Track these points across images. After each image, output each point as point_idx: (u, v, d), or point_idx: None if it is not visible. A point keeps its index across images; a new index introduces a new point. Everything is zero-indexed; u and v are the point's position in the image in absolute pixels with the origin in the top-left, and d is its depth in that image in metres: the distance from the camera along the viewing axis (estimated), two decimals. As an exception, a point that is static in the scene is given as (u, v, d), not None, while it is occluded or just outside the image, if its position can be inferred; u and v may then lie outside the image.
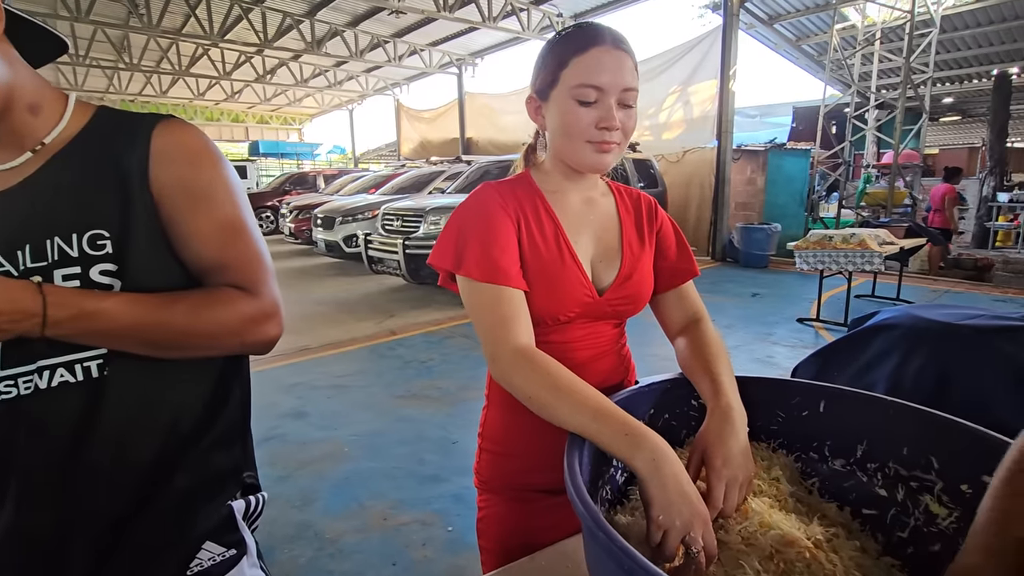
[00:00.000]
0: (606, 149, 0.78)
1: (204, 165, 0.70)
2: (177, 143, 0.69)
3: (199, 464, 0.74)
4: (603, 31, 0.78)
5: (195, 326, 0.65)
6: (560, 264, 0.82)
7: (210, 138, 0.73)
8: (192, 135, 0.70)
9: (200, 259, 0.69)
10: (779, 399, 0.84)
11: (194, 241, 0.69)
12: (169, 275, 0.69)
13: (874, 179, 9.04)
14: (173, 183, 0.67)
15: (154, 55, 13.32)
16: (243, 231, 0.72)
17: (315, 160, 23.88)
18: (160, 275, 0.68)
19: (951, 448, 0.70)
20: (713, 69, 8.39)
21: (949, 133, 17.36)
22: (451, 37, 12.09)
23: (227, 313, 0.67)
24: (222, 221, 0.70)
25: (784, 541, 0.63)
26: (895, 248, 4.73)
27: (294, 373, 3.75)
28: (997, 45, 10.59)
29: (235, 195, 0.72)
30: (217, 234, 0.69)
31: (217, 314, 0.66)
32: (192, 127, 0.71)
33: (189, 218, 0.68)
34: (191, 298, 0.66)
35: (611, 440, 0.66)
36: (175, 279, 0.69)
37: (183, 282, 0.69)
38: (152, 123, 0.69)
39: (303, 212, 9.51)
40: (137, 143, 0.67)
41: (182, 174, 0.68)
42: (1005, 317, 0.97)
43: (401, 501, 2.22)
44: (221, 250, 0.70)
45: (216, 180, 0.71)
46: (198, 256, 0.69)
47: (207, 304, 0.66)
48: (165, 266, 0.68)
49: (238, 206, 0.72)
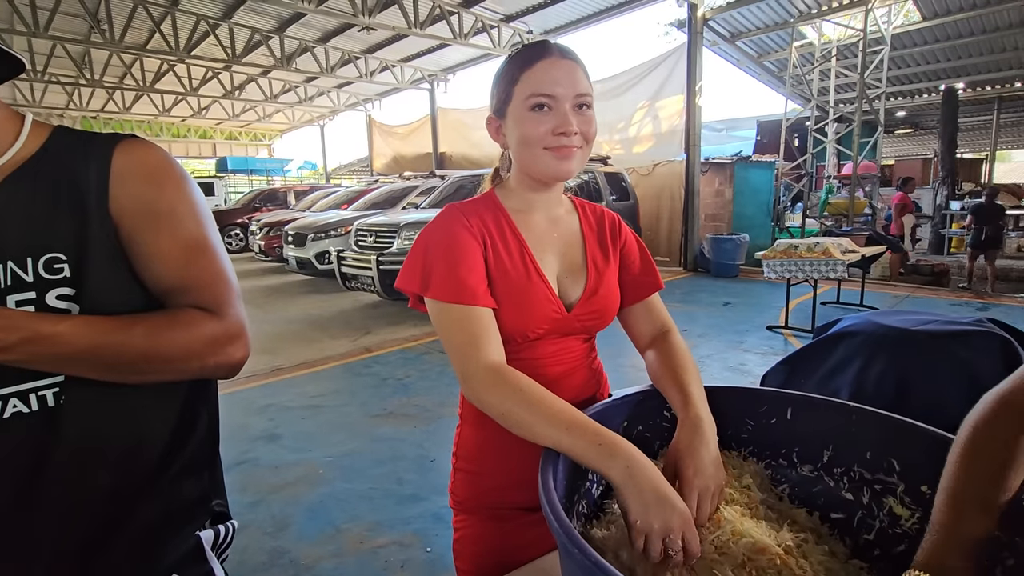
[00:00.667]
0: (566, 155, 0.79)
1: (166, 184, 0.69)
2: (138, 162, 0.67)
3: (164, 493, 0.71)
4: (549, 44, 0.81)
5: (156, 349, 0.63)
6: (527, 282, 0.83)
7: (173, 157, 0.72)
8: (153, 154, 0.69)
9: (162, 280, 0.68)
10: (748, 408, 0.86)
11: (156, 262, 0.67)
12: (129, 298, 0.67)
13: (835, 189, 9.38)
14: (134, 203, 0.66)
15: (117, 71, 13.02)
16: (207, 250, 0.70)
17: (286, 176, 23.57)
18: (120, 298, 0.66)
19: (910, 451, 0.72)
20: (680, 84, 8.63)
21: (903, 145, 18.15)
22: (423, 53, 12.15)
23: (190, 335, 0.65)
24: (185, 241, 0.68)
25: (755, 549, 0.64)
26: (857, 256, 4.91)
27: (266, 394, 3.66)
28: (944, 62, 11.18)
29: (199, 214, 0.71)
30: (180, 254, 0.68)
31: (179, 336, 0.64)
32: (154, 146, 0.70)
33: (151, 239, 0.67)
34: (151, 320, 0.65)
35: (585, 452, 0.66)
36: (136, 302, 0.67)
37: (144, 304, 0.67)
38: (112, 143, 0.68)
39: (273, 229, 9.35)
40: (96, 163, 0.66)
41: (143, 194, 0.67)
42: (957, 322, 1.01)
43: (378, 523, 2.18)
44: (184, 270, 0.68)
45: (179, 199, 0.69)
46: (160, 277, 0.68)
47: (168, 326, 0.65)
48: (125, 288, 0.67)
49: (202, 225, 0.71)
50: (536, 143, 0.79)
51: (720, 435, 0.77)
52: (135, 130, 20.04)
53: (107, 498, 0.67)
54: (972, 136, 16.32)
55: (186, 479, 0.74)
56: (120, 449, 0.68)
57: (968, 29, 9.68)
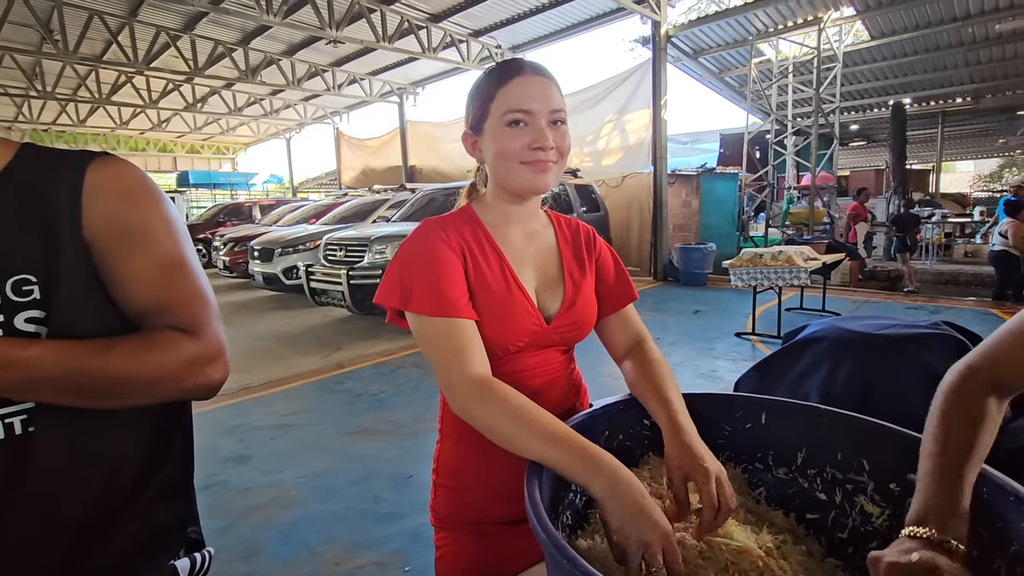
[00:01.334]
0: (543, 168, 0.81)
1: (141, 203, 0.67)
2: (112, 181, 0.66)
3: (138, 521, 0.69)
4: (523, 63, 0.83)
5: (132, 372, 0.61)
6: (508, 295, 0.84)
7: (147, 175, 0.70)
8: (128, 172, 0.68)
9: (138, 301, 0.66)
10: (724, 413, 0.88)
11: (131, 283, 0.65)
12: (102, 320, 0.65)
13: (796, 199, 9.74)
14: (108, 223, 0.64)
15: (71, 82, 12.55)
16: (184, 270, 0.68)
17: (250, 190, 23.06)
18: (92, 320, 0.64)
19: (878, 450, 0.75)
20: (646, 99, 8.85)
21: (857, 157, 19.02)
22: (392, 66, 12.14)
23: (167, 357, 0.63)
24: (162, 260, 0.67)
25: (738, 552, 0.66)
26: (818, 263, 5.09)
27: (235, 414, 3.55)
28: (892, 79, 11.80)
29: (175, 232, 0.69)
30: (156, 274, 0.66)
31: (156, 358, 0.62)
32: (128, 164, 0.69)
33: (126, 259, 0.65)
34: (127, 343, 0.63)
35: (569, 466, 0.67)
36: (109, 324, 0.65)
37: (118, 326, 0.65)
38: (84, 161, 0.66)
39: (239, 244, 9.11)
40: (67, 182, 0.64)
41: (118, 213, 0.65)
42: (916, 325, 1.06)
43: (355, 544, 2.12)
44: (161, 291, 0.66)
45: (154, 218, 0.68)
46: (136, 298, 0.66)
47: (145, 348, 0.63)
48: (98, 310, 0.64)
49: (179, 244, 0.69)
50: (513, 157, 0.81)
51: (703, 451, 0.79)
52: (90, 144, 19.35)
53: (78, 528, 0.65)
54: (919, 148, 17.21)
55: (160, 506, 0.72)
56: (92, 477, 0.66)
57: (913, 48, 10.26)
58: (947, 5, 8.60)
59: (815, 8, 8.79)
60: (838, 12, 8.83)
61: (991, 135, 17.03)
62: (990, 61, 10.53)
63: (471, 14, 9.29)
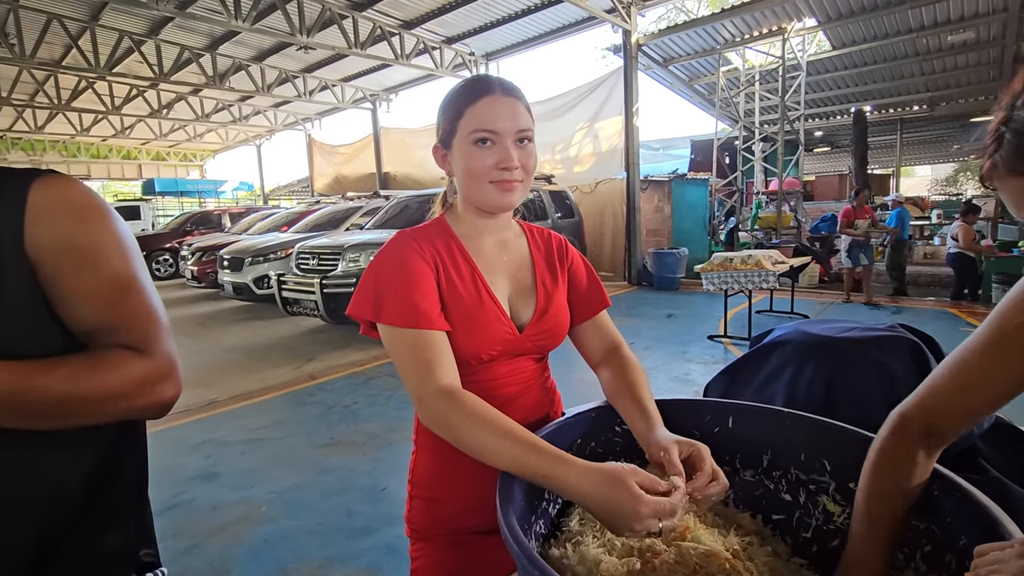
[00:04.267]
0: (509, 188, 0.82)
1: (88, 221, 0.65)
2: (57, 199, 0.64)
3: (84, 546, 0.67)
4: (492, 81, 0.83)
5: (78, 392, 0.59)
6: (479, 305, 0.84)
7: (95, 192, 0.69)
8: (74, 190, 0.66)
9: (86, 320, 0.64)
10: (693, 418, 0.90)
11: (80, 302, 0.63)
12: (47, 340, 0.62)
13: (764, 204, 10.00)
14: (54, 242, 0.62)
15: (28, 87, 12.14)
16: (133, 287, 0.67)
17: (219, 198, 22.56)
18: (37, 340, 0.62)
19: (838, 450, 0.78)
20: (618, 106, 8.99)
21: (822, 162, 19.64)
22: (364, 73, 12.07)
23: (116, 376, 0.62)
24: (111, 279, 0.65)
25: (706, 555, 0.67)
26: (786, 267, 5.23)
27: (201, 430, 3.45)
28: (853, 87, 12.24)
29: (125, 249, 0.68)
30: (105, 293, 0.64)
31: (104, 378, 0.61)
32: (74, 181, 0.67)
33: (74, 278, 0.63)
34: (73, 362, 0.61)
35: (539, 474, 0.67)
36: (54, 344, 0.63)
37: (64, 346, 0.63)
38: (28, 179, 0.63)
39: (207, 254, 8.89)
40: (10, 201, 0.61)
41: (64, 232, 0.63)
42: (874, 328, 1.10)
43: (328, 559, 2.08)
44: (110, 309, 0.65)
45: (103, 236, 0.66)
46: (84, 317, 0.64)
47: (92, 368, 0.61)
48: (42, 331, 0.62)
49: (128, 262, 0.67)
50: (480, 176, 0.82)
51: None
52: (48, 151, 18.70)
53: (20, 553, 0.62)
54: (880, 154, 17.87)
55: (109, 530, 0.69)
56: (32, 500, 0.63)
57: (872, 58, 10.67)
58: (903, 17, 8.98)
59: (779, 19, 9.08)
60: (801, 23, 9.13)
61: (946, 141, 17.80)
62: (943, 71, 11.02)
63: (444, 21, 9.31)
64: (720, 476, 0.71)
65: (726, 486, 0.71)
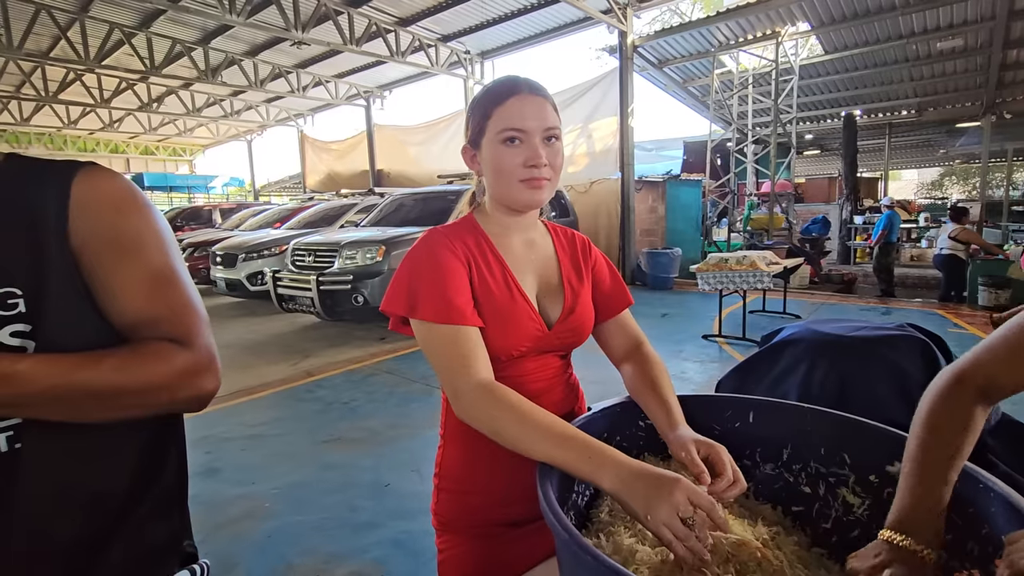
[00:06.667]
0: (538, 186, 0.84)
1: (131, 214, 0.66)
2: (100, 192, 0.64)
3: (134, 537, 0.68)
4: (519, 81, 0.85)
5: (123, 384, 0.60)
6: (511, 302, 0.86)
7: (136, 186, 0.69)
8: (116, 183, 0.66)
9: (128, 313, 0.65)
10: (714, 413, 0.92)
11: (122, 295, 0.64)
12: (90, 332, 0.63)
13: (756, 206, 10.10)
14: (97, 235, 0.63)
15: (14, 79, 11.93)
16: (174, 281, 0.68)
17: (209, 194, 22.31)
18: (80, 333, 0.62)
19: (859, 445, 0.81)
20: (613, 107, 9.02)
21: (812, 165, 19.86)
22: (358, 69, 11.99)
23: (159, 368, 0.62)
24: (152, 272, 0.66)
25: (737, 544, 0.69)
26: (780, 268, 5.30)
27: (201, 426, 3.43)
28: (844, 91, 12.40)
29: (165, 243, 0.69)
30: (147, 286, 0.65)
31: (148, 370, 0.62)
32: (115, 174, 0.67)
33: (116, 271, 0.64)
34: (118, 355, 0.61)
35: (576, 464, 0.69)
36: (98, 336, 0.63)
37: (106, 338, 0.64)
38: (71, 172, 0.64)
39: (198, 249, 8.80)
40: (54, 193, 0.62)
41: (107, 225, 0.64)
42: (884, 328, 1.13)
43: (334, 554, 2.09)
44: (151, 302, 0.65)
45: (144, 229, 0.67)
46: (126, 310, 0.65)
47: (136, 360, 0.62)
48: (86, 323, 0.63)
49: (168, 255, 0.68)
50: (509, 174, 0.84)
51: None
52: (34, 143, 18.38)
53: (71, 546, 0.63)
54: (869, 157, 18.11)
55: (156, 521, 0.71)
56: (84, 493, 0.64)
57: (863, 63, 10.81)
58: (893, 23, 9.11)
59: (773, 23, 9.17)
60: (794, 27, 9.24)
61: (933, 146, 18.08)
62: (932, 76, 11.20)
63: (440, 19, 9.29)
64: (740, 478, 0.74)
65: (744, 488, 0.74)
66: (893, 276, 8.02)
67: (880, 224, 7.74)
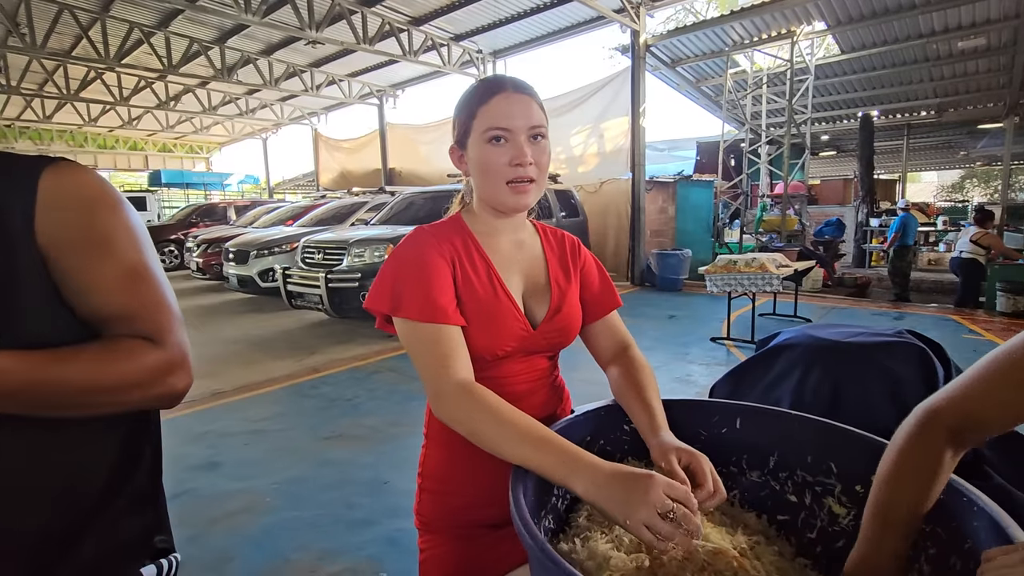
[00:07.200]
0: (523, 191, 0.83)
1: (101, 211, 0.65)
2: (68, 189, 0.63)
3: (104, 532, 0.68)
4: (504, 80, 0.84)
5: (94, 382, 0.60)
6: (495, 301, 0.85)
7: (107, 180, 0.69)
8: (86, 179, 0.65)
9: (100, 310, 0.65)
10: (701, 418, 0.90)
11: (92, 292, 0.64)
12: (60, 330, 0.63)
13: (769, 207, 9.97)
14: (65, 232, 0.62)
15: (37, 77, 12.16)
16: (147, 278, 0.67)
17: (225, 191, 22.59)
18: (49, 330, 0.62)
19: (846, 454, 0.78)
20: (624, 106, 8.96)
21: (827, 166, 19.57)
22: (371, 68, 12.06)
23: (130, 366, 0.62)
24: (124, 269, 0.66)
25: (714, 553, 0.67)
26: (790, 270, 5.22)
27: (204, 420, 3.47)
28: (860, 91, 12.18)
29: (138, 240, 0.68)
30: (119, 283, 0.65)
31: (119, 368, 0.62)
32: (86, 170, 0.67)
33: (86, 268, 0.63)
34: (88, 352, 0.61)
35: (550, 468, 0.68)
36: (67, 333, 0.63)
37: (76, 336, 0.64)
38: (38, 168, 0.63)
39: (212, 246, 8.92)
40: (19, 190, 0.61)
41: (76, 222, 0.63)
42: (881, 334, 1.10)
43: (329, 551, 2.10)
44: (123, 299, 0.65)
45: (115, 226, 0.66)
46: (97, 307, 0.64)
47: (107, 357, 0.62)
48: (55, 320, 0.63)
49: (141, 251, 0.68)
50: (495, 174, 0.83)
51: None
52: (56, 140, 18.75)
53: (38, 541, 0.63)
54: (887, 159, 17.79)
55: (129, 516, 0.71)
56: (53, 489, 0.64)
57: (881, 62, 10.62)
58: (913, 22, 8.93)
59: (788, 22, 9.04)
60: (810, 26, 9.09)
61: (953, 147, 17.71)
62: (952, 77, 10.96)
63: (453, 18, 9.30)
64: (720, 489, 0.71)
65: (724, 498, 0.72)
66: (908, 280, 7.86)
67: (894, 226, 7.59)
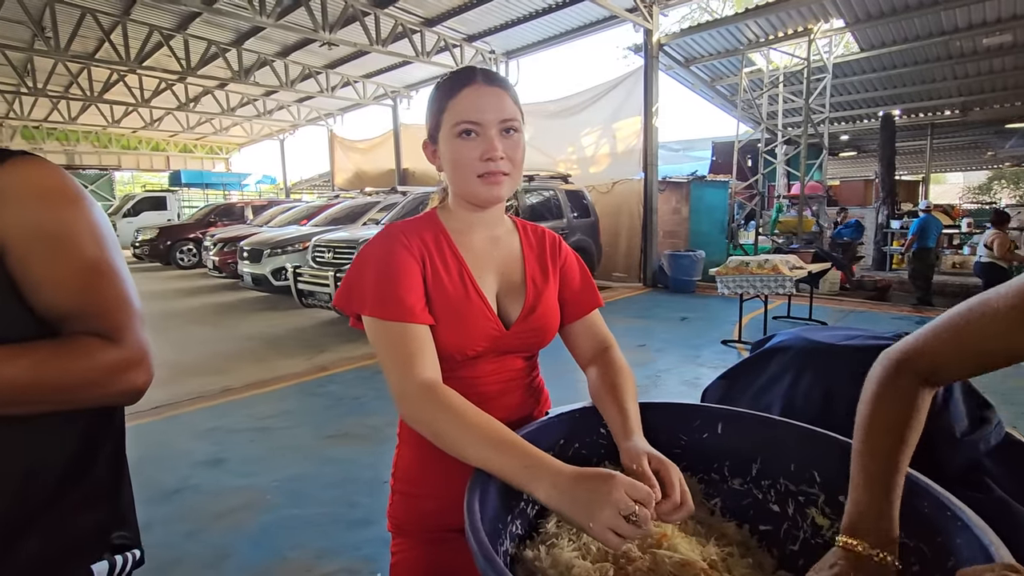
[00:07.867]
0: (495, 181, 0.81)
1: (60, 205, 0.65)
2: (26, 183, 0.63)
3: (53, 526, 0.67)
4: (474, 72, 0.82)
5: (43, 380, 0.59)
6: (465, 299, 0.83)
7: (69, 175, 0.68)
8: (45, 172, 0.65)
9: (56, 307, 0.64)
10: (681, 423, 0.87)
11: (49, 288, 0.63)
12: (14, 326, 0.62)
13: (785, 208, 9.80)
14: (21, 227, 0.62)
15: (62, 79, 12.46)
16: (107, 274, 0.67)
17: (243, 191, 22.93)
18: (5, 327, 0.61)
19: (829, 462, 0.74)
20: (637, 106, 8.88)
21: (847, 167, 19.20)
22: (385, 70, 12.14)
23: (83, 364, 0.62)
24: (82, 266, 0.65)
25: (681, 565, 0.64)
26: (804, 272, 5.11)
27: (212, 417, 3.51)
28: (881, 90, 11.92)
29: (99, 236, 0.67)
30: (76, 279, 0.64)
31: (70, 366, 0.61)
32: (47, 164, 0.66)
33: (44, 264, 0.63)
34: (38, 350, 0.61)
35: (513, 473, 0.66)
36: (25, 330, 0.63)
37: (33, 332, 0.63)
38: None
39: (228, 244, 9.06)
40: None
41: (34, 216, 0.62)
42: (880, 337, 1.06)
43: (327, 550, 2.09)
44: (80, 297, 0.64)
45: (75, 221, 0.65)
46: (54, 303, 0.64)
47: (59, 355, 0.61)
48: (12, 316, 0.62)
49: (102, 248, 0.67)
50: (466, 168, 0.80)
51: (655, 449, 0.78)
52: (81, 141, 19.21)
53: None
54: (909, 159, 17.40)
55: (82, 512, 0.70)
56: (6, 480, 0.63)
57: (902, 60, 10.37)
58: (935, 19, 8.71)
59: (805, 19, 8.87)
60: (828, 24, 8.91)
61: (979, 147, 17.25)
62: (977, 75, 10.66)
63: (465, 19, 9.31)
64: (688, 502, 0.68)
65: (691, 511, 0.68)
66: (931, 284, 7.65)
67: (913, 228, 7.40)
